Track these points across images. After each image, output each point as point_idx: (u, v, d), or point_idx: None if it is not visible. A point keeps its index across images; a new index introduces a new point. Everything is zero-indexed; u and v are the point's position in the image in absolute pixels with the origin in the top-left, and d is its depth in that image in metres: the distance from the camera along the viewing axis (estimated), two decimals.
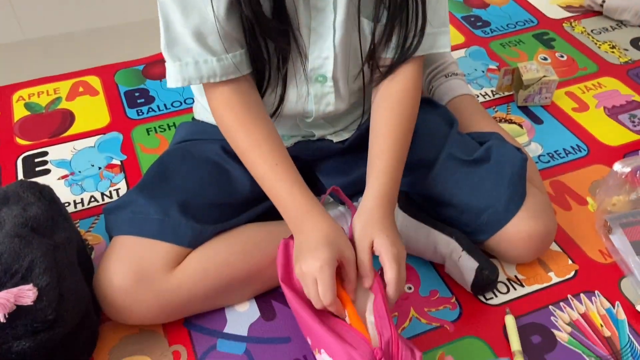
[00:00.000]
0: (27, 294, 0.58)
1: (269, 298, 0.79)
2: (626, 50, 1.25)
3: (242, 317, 0.77)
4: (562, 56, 1.24)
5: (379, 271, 0.66)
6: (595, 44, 1.27)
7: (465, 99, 0.98)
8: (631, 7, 1.30)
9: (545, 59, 1.23)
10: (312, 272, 0.62)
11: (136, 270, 0.69)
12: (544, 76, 1.07)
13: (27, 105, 1.13)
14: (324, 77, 0.74)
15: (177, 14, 0.64)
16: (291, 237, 0.74)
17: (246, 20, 0.65)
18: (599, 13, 1.36)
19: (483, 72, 1.20)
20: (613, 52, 1.24)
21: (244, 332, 0.75)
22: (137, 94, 1.16)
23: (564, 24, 1.34)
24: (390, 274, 0.63)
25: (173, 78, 0.68)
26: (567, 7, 1.39)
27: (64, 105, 1.13)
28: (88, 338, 0.69)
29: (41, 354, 0.60)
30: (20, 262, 0.62)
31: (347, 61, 0.74)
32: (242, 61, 0.68)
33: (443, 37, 0.75)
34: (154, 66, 1.23)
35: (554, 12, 1.38)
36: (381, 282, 0.65)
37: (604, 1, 1.33)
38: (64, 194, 0.94)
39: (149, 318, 0.71)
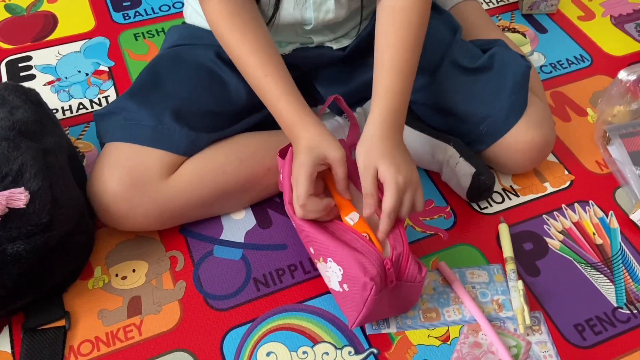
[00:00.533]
0: (19, 197, 0.57)
1: (265, 206, 0.79)
2: None
3: (239, 224, 0.77)
4: None
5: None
6: None
7: (469, 5, 0.94)
8: None
9: None
10: (293, 178, 0.62)
11: (131, 176, 0.68)
12: None
13: (8, 7, 1.07)
14: None
15: None
16: (289, 145, 0.72)
17: None
18: None
19: None
20: None
21: (240, 239, 0.75)
22: None
23: None
24: (387, 203, 0.61)
25: None
26: None
27: (45, 7, 1.07)
28: (84, 242, 0.69)
29: (37, 257, 0.60)
30: (10, 166, 0.60)
31: None
32: None
33: None
34: None
35: None
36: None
37: None
38: (51, 100, 0.91)
39: (144, 224, 0.71)
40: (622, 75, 0.80)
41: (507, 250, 0.73)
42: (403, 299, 0.64)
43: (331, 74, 0.83)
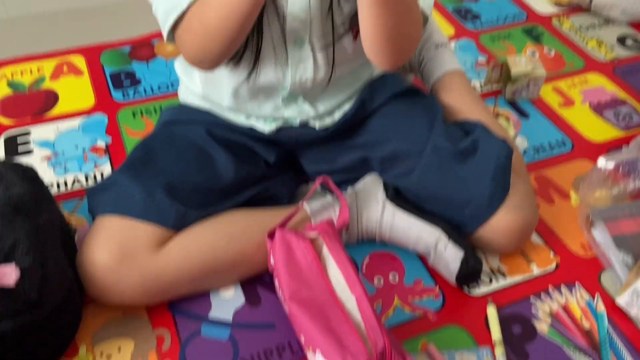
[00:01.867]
0: (9, 274, 0.57)
1: (255, 284, 0.79)
2: (612, 47, 1.26)
3: (227, 302, 0.76)
4: (550, 51, 1.25)
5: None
6: (583, 40, 1.28)
7: (455, 76, 0.97)
8: (618, 4, 1.31)
9: (533, 53, 1.24)
10: None
11: (120, 249, 0.68)
12: (532, 71, 1.08)
13: (10, 84, 1.11)
14: (301, 40, 0.74)
15: None
16: (280, 226, 0.74)
17: None
18: (587, 10, 1.37)
19: (472, 65, 1.21)
20: (600, 49, 1.26)
21: (228, 317, 0.75)
22: (123, 76, 1.14)
23: (552, 20, 1.34)
24: None
25: (163, 16, 0.69)
26: (556, 3, 1.40)
27: (47, 84, 1.11)
28: (70, 320, 0.69)
29: (23, 335, 0.59)
30: (3, 242, 0.61)
31: (322, 25, 0.74)
32: None
33: None
34: (141, 48, 1.21)
35: (543, 7, 1.39)
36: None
37: None
38: (47, 175, 0.92)
39: (132, 299, 0.71)
40: (601, 163, 0.83)
41: (496, 333, 0.73)
42: None
43: (316, 153, 0.86)
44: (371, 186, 0.83)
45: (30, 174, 0.74)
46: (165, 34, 0.71)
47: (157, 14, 0.71)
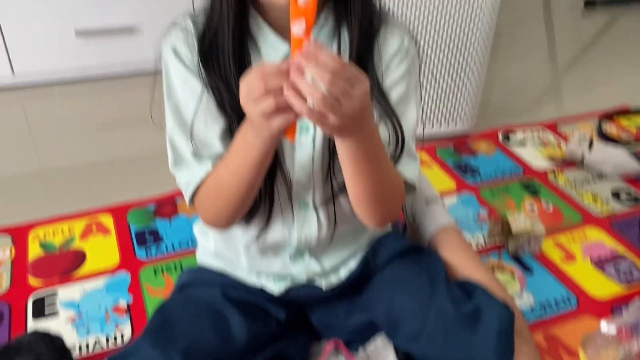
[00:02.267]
0: None
1: None
2: (608, 201, 1.34)
3: None
4: (548, 205, 1.32)
5: None
6: (579, 194, 1.36)
7: (450, 233, 1.02)
8: (609, 161, 1.41)
9: (532, 207, 1.31)
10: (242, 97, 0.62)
11: None
12: (532, 228, 1.14)
13: (42, 245, 1.19)
14: (305, 202, 0.81)
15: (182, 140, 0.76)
16: None
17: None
18: (580, 165, 1.46)
19: (475, 218, 1.27)
20: (596, 203, 1.33)
21: None
22: (147, 234, 1.22)
23: (548, 174, 1.44)
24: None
25: (185, 185, 0.77)
26: (550, 158, 1.50)
27: (77, 244, 1.19)
28: None
29: None
30: None
31: (323, 189, 0.81)
32: None
33: (410, 165, 0.80)
34: (165, 206, 1.30)
35: (539, 162, 1.49)
36: None
37: (584, 154, 1.44)
38: (70, 337, 0.96)
39: None
40: (604, 327, 0.86)
41: None
42: None
43: (325, 312, 0.90)
44: (382, 350, 0.86)
45: (58, 343, 0.79)
46: (187, 201, 0.79)
47: (179, 184, 0.80)
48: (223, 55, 0.73)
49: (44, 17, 1.72)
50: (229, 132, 0.75)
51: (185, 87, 0.76)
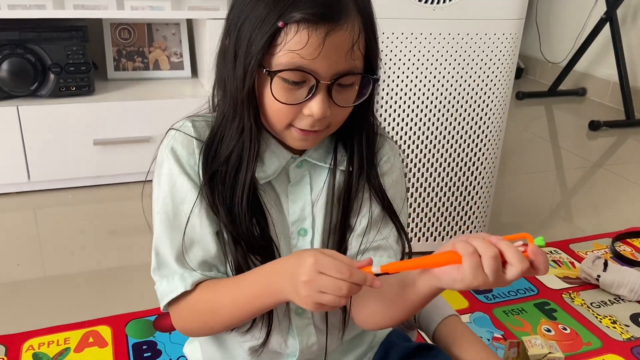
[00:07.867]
0: None
1: None
2: (627, 326, 1.28)
3: None
4: (565, 328, 1.26)
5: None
6: (596, 317, 1.30)
7: (455, 323, 0.97)
8: (626, 284, 1.36)
9: (548, 330, 1.25)
10: (310, 274, 0.60)
11: None
12: (549, 353, 1.08)
13: (35, 356, 1.13)
14: (305, 312, 0.77)
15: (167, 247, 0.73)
16: None
17: (232, 244, 0.71)
18: (596, 286, 1.42)
19: (489, 340, 1.21)
20: (615, 327, 1.27)
21: None
22: (144, 347, 1.16)
23: (563, 295, 1.39)
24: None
25: (160, 295, 0.73)
26: (565, 278, 1.46)
27: (71, 357, 1.13)
28: None
29: None
30: None
31: None
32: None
33: None
34: (166, 317, 1.26)
35: (553, 282, 1.45)
36: None
37: (599, 276, 1.40)
38: None
39: None
40: None
41: None
42: None
43: None
44: None
45: None
46: (161, 308, 0.75)
47: (156, 290, 0.74)
48: (233, 187, 0.72)
49: (64, 129, 1.78)
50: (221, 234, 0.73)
51: (182, 187, 0.73)
